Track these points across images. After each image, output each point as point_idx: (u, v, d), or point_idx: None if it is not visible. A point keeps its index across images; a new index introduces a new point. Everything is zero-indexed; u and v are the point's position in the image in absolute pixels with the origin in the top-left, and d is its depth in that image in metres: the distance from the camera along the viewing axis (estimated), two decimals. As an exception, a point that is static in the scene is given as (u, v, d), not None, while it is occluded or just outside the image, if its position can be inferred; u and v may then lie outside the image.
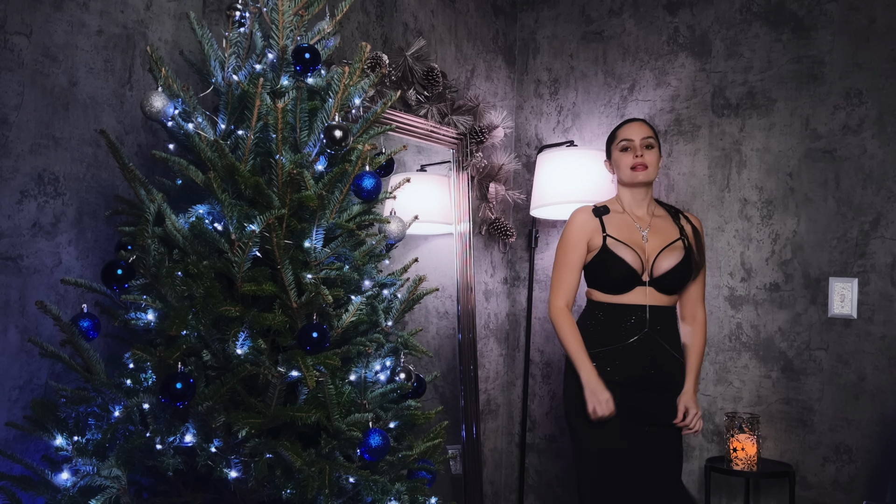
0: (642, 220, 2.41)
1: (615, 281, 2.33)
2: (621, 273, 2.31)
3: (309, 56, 1.73)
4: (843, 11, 2.86)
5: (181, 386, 1.50)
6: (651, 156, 2.38)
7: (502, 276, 3.51)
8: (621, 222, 2.39)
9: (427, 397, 2.81)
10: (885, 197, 2.75)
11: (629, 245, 2.33)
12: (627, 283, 2.32)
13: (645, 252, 2.34)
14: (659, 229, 2.40)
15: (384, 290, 1.89)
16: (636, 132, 2.40)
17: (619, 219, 2.40)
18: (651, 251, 2.35)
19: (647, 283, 2.33)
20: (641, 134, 2.40)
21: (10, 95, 1.86)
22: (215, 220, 1.67)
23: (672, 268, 2.33)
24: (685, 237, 2.40)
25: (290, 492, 1.57)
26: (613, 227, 2.37)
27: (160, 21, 2.19)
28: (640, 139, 2.39)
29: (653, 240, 2.37)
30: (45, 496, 1.59)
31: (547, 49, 3.57)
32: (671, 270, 2.33)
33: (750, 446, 2.72)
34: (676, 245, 2.37)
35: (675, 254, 2.35)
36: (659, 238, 2.37)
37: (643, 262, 2.32)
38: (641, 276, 2.32)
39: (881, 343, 2.73)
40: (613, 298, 2.34)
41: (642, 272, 2.32)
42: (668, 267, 2.33)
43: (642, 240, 2.36)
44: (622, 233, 2.36)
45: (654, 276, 2.33)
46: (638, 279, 2.32)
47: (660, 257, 2.33)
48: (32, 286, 1.90)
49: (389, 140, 2.78)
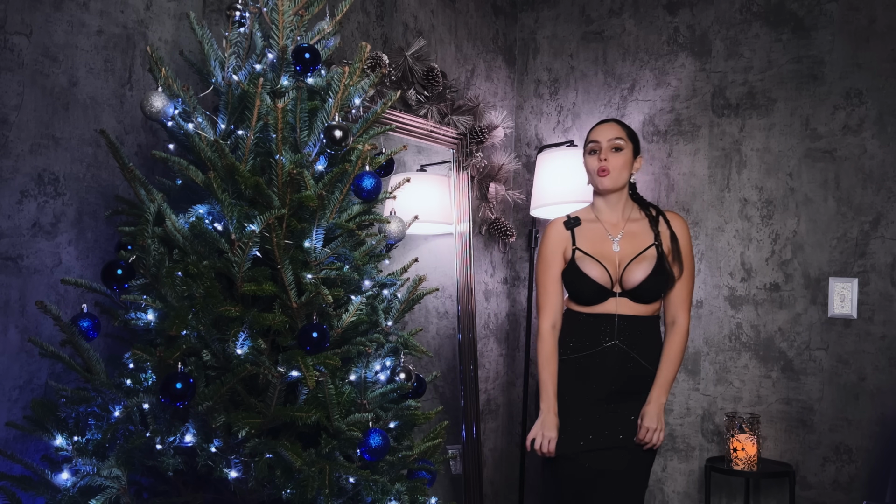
0: (615, 226, 2.31)
1: (585, 296, 2.26)
2: (589, 289, 2.25)
3: (309, 56, 1.73)
4: (843, 11, 2.86)
5: (181, 386, 1.50)
6: (618, 159, 2.26)
7: (502, 276, 3.51)
8: (592, 233, 2.31)
9: (427, 397, 2.81)
10: (885, 197, 2.75)
11: (597, 259, 2.25)
12: (597, 297, 2.26)
13: (615, 263, 2.26)
14: (632, 236, 2.29)
15: (384, 290, 1.89)
16: (603, 133, 2.29)
17: (590, 229, 2.32)
18: (622, 260, 2.26)
19: (620, 294, 2.26)
20: (609, 135, 2.27)
21: (10, 95, 1.86)
22: (215, 220, 1.67)
23: (643, 280, 2.23)
24: (659, 243, 2.28)
25: (290, 492, 1.57)
26: (583, 239, 2.29)
27: (160, 21, 2.19)
28: (606, 141, 2.27)
29: (624, 247, 2.27)
30: (45, 496, 1.59)
31: (547, 49, 3.57)
32: (643, 283, 2.24)
33: (750, 446, 2.72)
34: (648, 253, 2.26)
35: (646, 264, 2.25)
36: (631, 246, 2.28)
37: (611, 275, 2.25)
38: (612, 289, 2.25)
39: (881, 343, 2.73)
40: (587, 309, 2.28)
41: (612, 285, 2.25)
42: (639, 279, 2.23)
43: (613, 249, 2.28)
44: (592, 245, 2.28)
45: (625, 289, 2.25)
46: (608, 292, 2.25)
47: (630, 268, 2.24)
48: (32, 286, 1.90)
49: (389, 140, 2.78)
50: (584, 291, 2.26)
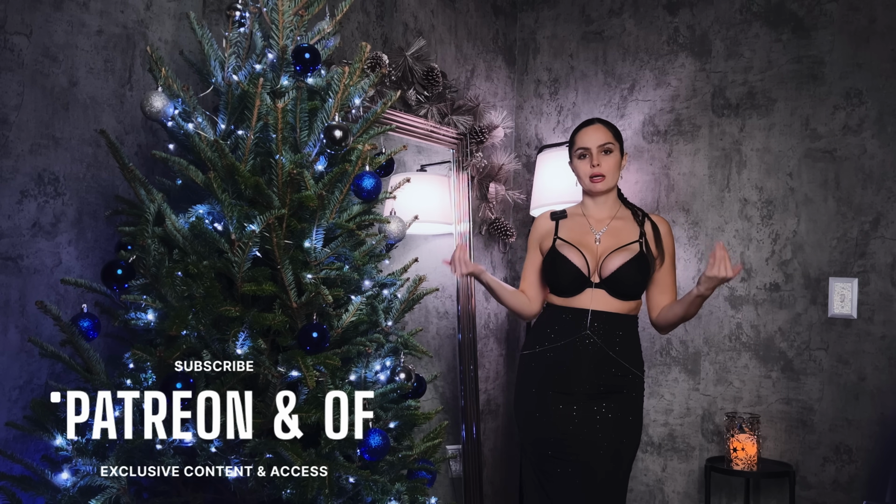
0: (600, 222, 2.32)
1: (563, 283, 2.25)
2: (568, 274, 2.24)
3: (309, 56, 1.73)
4: (843, 11, 2.86)
5: (181, 386, 1.50)
6: (609, 162, 2.27)
7: (502, 276, 3.51)
8: (575, 225, 2.33)
9: (427, 397, 2.81)
10: (885, 197, 2.75)
11: (576, 246, 2.26)
12: (576, 285, 2.24)
13: (595, 254, 2.26)
14: (616, 231, 2.30)
15: (384, 290, 1.89)
16: (592, 139, 2.28)
17: (574, 222, 2.33)
18: (602, 252, 2.26)
19: (597, 284, 2.24)
20: (598, 141, 2.27)
21: (10, 95, 1.86)
22: (215, 220, 1.67)
23: (621, 266, 2.21)
24: (644, 241, 2.28)
25: (290, 492, 1.57)
26: (566, 230, 2.31)
27: (160, 21, 2.19)
28: (596, 147, 2.27)
29: (606, 241, 2.28)
30: (45, 496, 1.59)
31: (547, 49, 3.57)
32: (621, 269, 2.21)
33: (750, 446, 2.72)
34: (630, 247, 2.25)
35: (625, 254, 2.23)
36: (613, 240, 2.28)
37: (590, 264, 2.24)
38: (590, 278, 2.24)
39: (881, 343, 2.73)
40: (563, 301, 2.27)
41: (590, 273, 2.24)
42: (616, 265, 2.22)
43: (594, 242, 2.28)
44: (573, 235, 2.30)
45: (602, 277, 2.23)
46: (586, 281, 2.24)
47: (609, 257, 2.24)
48: (32, 286, 1.90)
49: (389, 140, 2.78)
50: (562, 278, 2.25)
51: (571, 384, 2.21)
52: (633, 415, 2.25)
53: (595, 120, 2.35)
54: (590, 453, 2.18)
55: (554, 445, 2.20)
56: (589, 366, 2.21)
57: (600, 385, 2.21)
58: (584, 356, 2.21)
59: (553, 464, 2.21)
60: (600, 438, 2.19)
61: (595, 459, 2.18)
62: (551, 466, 2.21)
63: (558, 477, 2.20)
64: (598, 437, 2.19)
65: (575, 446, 2.19)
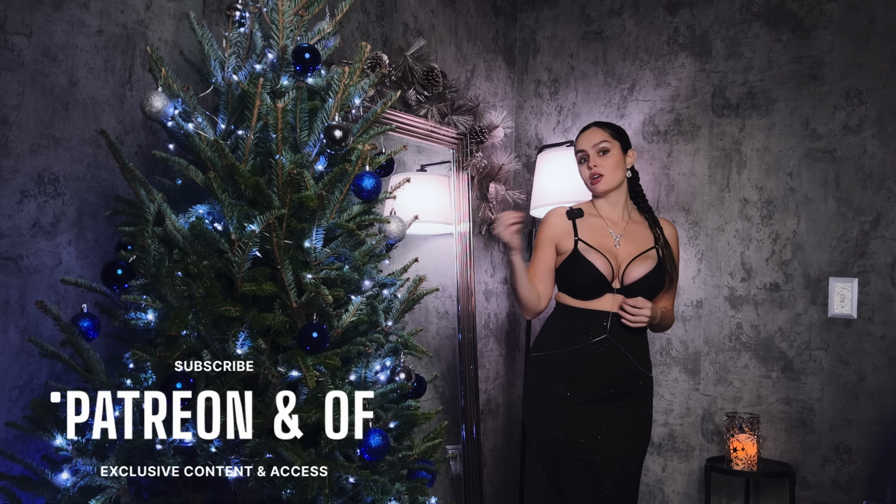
0: (616, 224, 2.34)
1: (584, 286, 2.26)
2: (590, 278, 2.25)
3: (309, 56, 1.73)
4: (843, 11, 2.86)
5: (181, 386, 1.50)
6: (607, 161, 2.30)
7: (502, 276, 3.51)
8: (594, 227, 2.32)
9: (427, 397, 2.81)
10: (885, 197, 2.75)
11: (600, 251, 2.26)
12: (596, 290, 2.25)
13: (617, 259, 2.28)
14: (633, 236, 2.32)
15: (384, 290, 1.89)
16: (587, 141, 2.33)
17: (592, 223, 2.33)
18: (623, 258, 2.28)
19: (617, 290, 2.26)
20: (593, 141, 2.32)
21: (10, 95, 1.86)
22: (215, 220, 1.67)
23: (643, 276, 2.26)
24: (659, 246, 2.32)
25: (290, 492, 1.57)
26: (586, 231, 2.31)
27: (160, 21, 2.19)
28: (591, 147, 2.31)
29: (625, 246, 2.30)
30: (45, 496, 1.59)
31: (547, 49, 3.57)
32: (643, 279, 2.26)
33: (750, 446, 2.72)
34: (650, 254, 2.30)
35: (648, 262, 2.28)
36: (632, 245, 2.30)
37: (614, 269, 2.26)
38: (611, 284, 2.26)
39: (881, 343, 2.73)
40: (581, 304, 2.28)
41: (612, 279, 2.26)
42: (639, 275, 2.26)
43: (615, 246, 2.29)
44: (594, 238, 2.29)
45: (624, 284, 2.26)
46: (608, 286, 2.26)
47: (631, 265, 2.26)
48: (32, 286, 1.90)
49: (389, 140, 2.78)
50: (584, 281, 2.25)
51: (587, 386, 2.23)
52: (646, 412, 2.31)
53: (592, 124, 2.40)
54: (605, 452, 2.21)
55: (569, 446, 2.21)
56: (605, 368, 2.23)
57: (616, 386, 2.24)
58: (600, 359, 2.23)
59: (567, 463, 2.22)
60: (615, 438, 2.22)
61: (611, 458, 2.21)
62: (565, 466, 2.23)
63: (573, 475, 2.22)
64: (613, 436, 2.22)
65: (590, 446, 2.21)
